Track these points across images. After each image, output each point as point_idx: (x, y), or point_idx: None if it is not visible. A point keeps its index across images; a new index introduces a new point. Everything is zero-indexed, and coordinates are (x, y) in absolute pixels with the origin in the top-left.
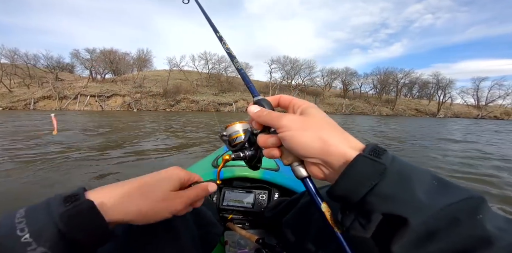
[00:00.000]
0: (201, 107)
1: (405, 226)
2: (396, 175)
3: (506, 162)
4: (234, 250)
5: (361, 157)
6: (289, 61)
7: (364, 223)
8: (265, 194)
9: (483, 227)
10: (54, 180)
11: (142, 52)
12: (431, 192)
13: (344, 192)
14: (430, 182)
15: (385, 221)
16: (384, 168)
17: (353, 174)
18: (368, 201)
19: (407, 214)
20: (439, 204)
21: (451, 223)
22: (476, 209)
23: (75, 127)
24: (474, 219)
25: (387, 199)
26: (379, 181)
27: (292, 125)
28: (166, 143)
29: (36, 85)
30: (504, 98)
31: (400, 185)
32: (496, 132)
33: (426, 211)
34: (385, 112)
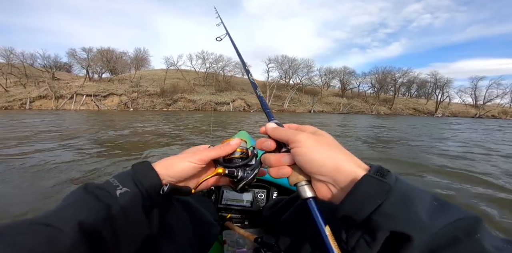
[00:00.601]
0: (198, 107)
1: (409, 243)
2: (400, 195)
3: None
4: (232, 249)
5: (368, 177)
6: (287, 60)
7: (370, 241)
8: (263, 193)
9: (482, 246)
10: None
11: (139, 51)
12: (432, 212)
13: (351, 210)
14: (431, 202)
15: (390, 240)
16: (389, 187)
17: (360, 193)
18: (374, 220)
19: (410, 232)
20: (439, 223)
21: (451, 242)
22: (474, 228)
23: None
24: (473, 238)
25: (392, 218)
26: (384, 200)
27: (307, 142)
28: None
29: (32, 85)
30: (502, 97)
31: (403, 204)
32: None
33: (427, 229)
34: (383, 111)
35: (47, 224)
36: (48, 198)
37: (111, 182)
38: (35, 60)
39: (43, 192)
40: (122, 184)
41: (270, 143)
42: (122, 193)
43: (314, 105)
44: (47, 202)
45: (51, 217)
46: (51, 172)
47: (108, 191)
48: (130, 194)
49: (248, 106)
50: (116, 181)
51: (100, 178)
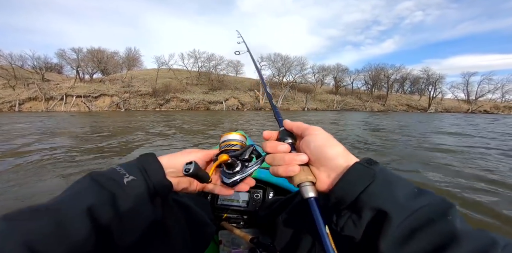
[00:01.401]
0: (191, 106)
1: (388, 221)
2: (382, 180)
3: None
4: (228, 249)
5: (358, 164)
6: (280, 58)
7: (356, 220)
8: (260, 193)
9: (453, 226)
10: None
11: (131, 51)
12: (410, 196)
13: (343, 192)
14: (411, 188)
15: (373, 220)
16: (374, 173)
17: (351, 176)
18: (360, 199)
19: (388, 209)
20: (416, 205)
21: (427, 222)
22: (447, 211)
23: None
24: (446, 219)
25: (375, 197)
26: (370, 182)
27: (324, 131)
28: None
29: (22, 87)
30: (494, 93)
31: (385, 187)
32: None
33: (405, 209)
34: (377, 108)
35: (56, 210)
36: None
37: (118, 171)
38: (25, 62)
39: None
40: (128, 173)
41: (283, 147)
42: (129, 181)
43: (308, 102)
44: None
45: (60, 203)
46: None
47: (115, 179)
48: (137, 183)
49: (242, 105)
50: (122, 170)
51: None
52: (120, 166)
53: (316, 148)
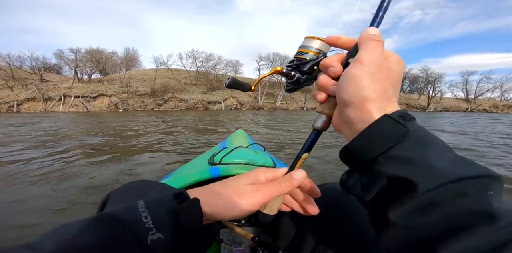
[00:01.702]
0: (190, 106)
1: (413, 191)
2: (416, 141)
3: None
4: (229, 247)
5: (386, 117)
6: (278, 58)
7: (367, 184)
8: None
9: (489, 203)
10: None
11: (129, 51)
12: (448, 163)
13: (359, 149)
14: (451, 154)
15: (390, 187)
16: (406, 131)
17: (373, 132)
18: (379, 162)
19: (418, 180)
20: (453, 175)
21: (457, 196)
22: (489, 186)
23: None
24: (482, 195)
25: (399, 163)
26: (397, 143)
27: (371, 65)
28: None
29: (20, 87)
30: (493, 91)
31: (418, 150)
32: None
33: (437, 179)
34: None
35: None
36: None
37: (143, 220)
38: (24, 62)
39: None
40: (156, 226)
41: (337, 39)
42: (155, 240)
43: (307, 102)
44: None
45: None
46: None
47: (137, 234)
48: (164, 243)
49: (241, 105)
50: (149, 218)
51: (95, 190)
52: (147, 207)
53: (345, 85)
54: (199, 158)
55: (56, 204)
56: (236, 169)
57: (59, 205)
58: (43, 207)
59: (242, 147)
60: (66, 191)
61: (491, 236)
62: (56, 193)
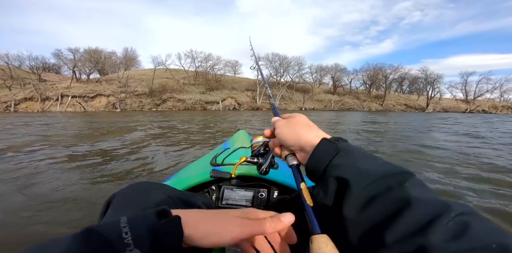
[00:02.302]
0: (188, 106)
1: (349, 188)
2: (345, 152)
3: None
4: (234, 248)
5: (324, 139)
6: (277, 58)
7: (325, 189)
8: (264, 192)
9: (408, 193)
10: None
11: (127, 51)
12: (372, 166)
13: (313, 167)
14: (374, 161)
15: (338, 187)
16: (336, 146)
17: (317, 152)
18: (327, 171)
19: (349, 177)
20: (376, 174)
21: (385, 190)
22: (404, 180)
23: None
24: (402, 187)
25: (337, 167)
26: (334, 155)
27: (280, 124)
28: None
29: (18, 87)
30: (492, 92)
31: (347, 158)
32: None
33: (365, 178)
34: (375, 108)
35: None
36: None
37: (123, 236)
38: (23, 62)
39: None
40: (134, 242)
41: (267, 131)
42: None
43: (306, 102)
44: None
45: None
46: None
47: (115, 250)
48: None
49: (239, 105)
50: (128, 234)
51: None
52: (129, 224)
53: (281, 140)
54: (202, 159)
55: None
56: (238, 170)
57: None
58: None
59: (244, 148)
60: (74, 192)
61: (417, 217)
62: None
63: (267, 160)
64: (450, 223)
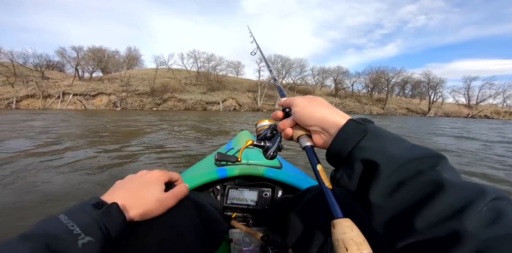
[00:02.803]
0: (188, 106)
1: (378, 171)
2: (374, 134)
3: None
4: (239, 247)
5: (350, 120)
6: (280, 60)
7: (350, 173)
8: (268, 192)
9: (440, 176)
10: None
11: (131, 50)
12: (402, 150)
13: (337, 149)
14: (404, 144)
15: (365, 171)
16: (365, 128)
17: (343, 134)
18: (353, 153)
19: (378, 160)
20: (406, 157)
21: (415, 174)
22: (436, 163)
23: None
24: (433, 170)
25: (365, 150)
26: (362, 138)
27: (301, 102)
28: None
29: (21, 84)
30: (495, 98)
31: (376, 141)
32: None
33: (395, 161)
34: (376, 111)
35: None
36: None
37: (70, 228)
38: (27, 59)
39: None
40: (84, 232)
41: (278, 113)
42: (86, 243)
43: None
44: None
45: None
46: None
47: (66, 240)
48: (95, 245)
49: (240, 106)
50: (75, 226)
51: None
52: (70, 218)
53: (300, 118)
54: (206, 160)
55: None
56: (243, 170)
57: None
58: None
59: (247, 148)
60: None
61: (451, 202)
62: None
63: (274, 144)
64: (485, 208)
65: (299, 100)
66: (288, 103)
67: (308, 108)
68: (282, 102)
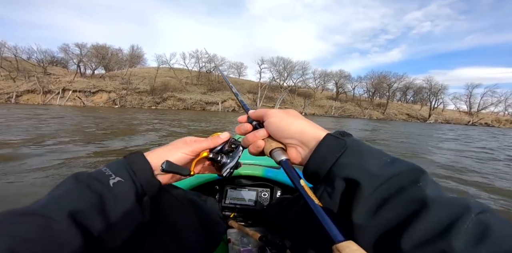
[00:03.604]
0: (187, 106)
1: (360, 190)
2: (354, 150)
3: None
4: (237, 247)
5: (329, 135)
6: (282, 62)
7: (330, 191)
8: (267, 192)
9: (423, 193)
10: None
11: (133, 49)
12: (382, 165)
13: (316, 166)
14: (383, 158)
15: (346, 189)
16: (344, 143)
17: (322, 149)
18: (332, 171)
19: (359, 178)
20: (387, 174)
21: (398, 191)
22: (417, 178)
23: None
24: (416, 186)
25: (345, 167)
26: (341, 154)
27: (276, 113)
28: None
29: (23, 79)
30: (497, 105)
31: (356, 157)
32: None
33: (376, 178)
34: (376, 116)
35: (41, 214)
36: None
37: (104, 171)
38: (32, 55)
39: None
40: (115, 174)
41: (246, 126)
42: (116, 183)
43: (306, 107)
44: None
45: (44, 207)
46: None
47: (100, 180)
48: (124, 184)
49: (239, 107)
50: (108, 170)
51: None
52: (107, 166)
53: (276, 130)
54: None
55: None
56: (242, 170)
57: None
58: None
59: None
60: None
61: (436, 220)
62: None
63: (233, 160)
64: (470, 225)
65: (274, 112)
66: (260, 115)
67: (286, 119)
68: (252, 113)
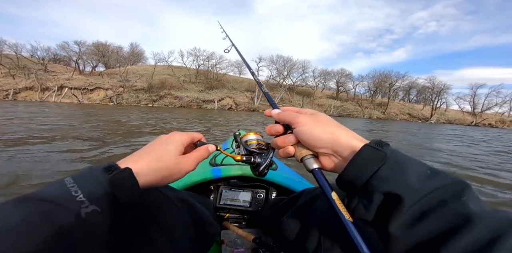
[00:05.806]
0: (184, 104)
1: (400, 204)
2: (394, 162)
3: None
4: (230, 249)
5: (367, 146)
6: (282, 60)
7: (367, 204)
8: (262, 193)
9: (467, 207)
10: None
11: (133, 46)
12: (423, 178)
13: (352, 176)
14: (424, 170)
15: (384, 202)
16: (385, 155)
17: (359, 160)
18: (371, 183)
19: (401, 193)
20: (429, 187)
21: (439, 204)
22: (461, 192)
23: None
24: (459, 201)
25: (386, 181)
26: (381, 166)
27: (307, 121)
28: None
29: (22, 76)
30: (501, 106)
31: (397, 169)
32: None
33: (418, 192)
34: (376, 116)
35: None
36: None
37: (72, 194)
38: (35, 52)
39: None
40: (89, 200)
41: (278, 127)
42: (90, 213)
43: (305, 106)
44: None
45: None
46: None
47: (68, 209)
48: (100, 215)
49: (236, 105)
50: (79, 191)
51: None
52: (76, 183)
53: (308, 140)
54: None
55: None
56: (237, 170)
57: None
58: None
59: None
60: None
61: (479, 235)
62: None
63: (266, 160)
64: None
65: (304, 119)
66: (288, 121)
67: (316, 128)
68: (277, 116)
